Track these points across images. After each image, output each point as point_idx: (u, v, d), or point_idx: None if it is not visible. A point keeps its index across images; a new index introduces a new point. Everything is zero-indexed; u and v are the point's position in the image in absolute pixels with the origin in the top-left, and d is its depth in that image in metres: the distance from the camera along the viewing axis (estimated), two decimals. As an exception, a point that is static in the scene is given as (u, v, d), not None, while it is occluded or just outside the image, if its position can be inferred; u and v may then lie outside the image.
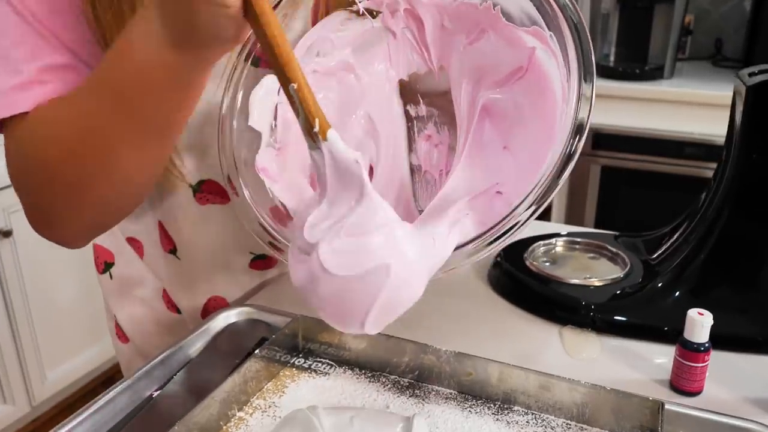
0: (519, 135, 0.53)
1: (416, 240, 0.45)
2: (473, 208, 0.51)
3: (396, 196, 0.62)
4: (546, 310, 0.77)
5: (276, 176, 0.59)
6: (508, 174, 0.51)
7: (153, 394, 0.62)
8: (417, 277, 0.45)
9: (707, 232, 0.73)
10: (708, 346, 0.61)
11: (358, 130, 0.63)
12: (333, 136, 0.44)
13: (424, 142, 0.63)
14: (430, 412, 0.60)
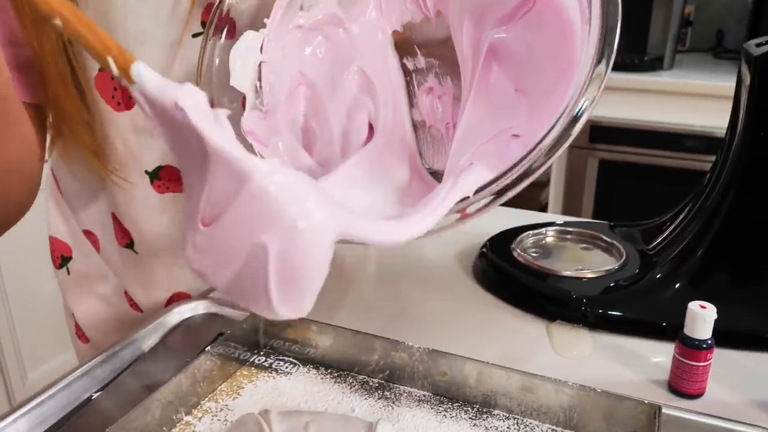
0: (531, 74, 0.46)
1: (309, 190, 0.33)
2: (485, 154, 0.44)
3: (399, 156, 0.55)
4: (533, 305, 0.70)
5: (264, 140, 0.53)
6: (522, 117, 0.44)
7: (93, 395, 0.56)
8: (316, 235, 0.33)
9: (710, 218, 0.66)
10: (711, 343, 0.55)
11: (352, 86, 0.56)
12: (140, 72, 0.32)
13: (426, 95, 0.56)
14: (400, 416, 0.54)
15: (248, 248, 0.32)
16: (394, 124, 0.53)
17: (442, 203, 0.40)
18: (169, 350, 0.62)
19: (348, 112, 0.53)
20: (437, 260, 0.83)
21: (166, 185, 0.69)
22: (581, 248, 0.80)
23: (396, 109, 0.55)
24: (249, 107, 0.54)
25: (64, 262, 0.81)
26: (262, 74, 0.56)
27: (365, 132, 0.52)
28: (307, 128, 0.55)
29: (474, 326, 0.68)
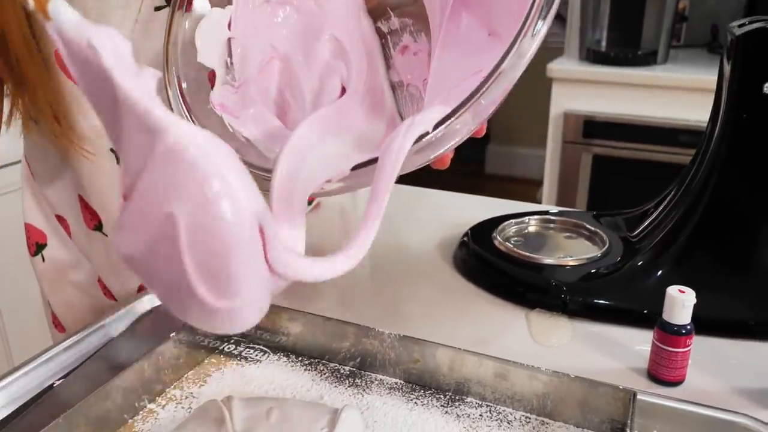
0: (500, 15, 0.44)
1: (238, 166, 0.30)
2: (453, 96, 0.42)
3: (374, 115, 0.53)
4: (513, 293, 0.69)
5: (235, 113, 0.52)
6: (495, 58, 0.42)
7: (55, 382, 0.54)
8: (238, 215, 0.29)
9: (693, 204, 0.65)
10: (690, 328, 0.53)
11: (325, 53, 0.55)
12: (58, 8, 0.29)
13: (401, 54, 0.55)
14: (370, 404, 0.52)
15: (159, 221, 0.28)
16: (368, 86, 0.52)
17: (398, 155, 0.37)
18: (137, 337, 0.61)
19: (320, 78, 0.51)
20: (417, 249, 0.82)
21: None
22: (564, 237, 0.78)
23: (372, 73, 0.53)
24: (219, 83, 0.53)
25: (39, 249, 0.79)
26: (232, 50, 0.54)
27: (337, 95, 0.51)
28: (281, 99, 0.54)
29: (452, 315, 0.67)
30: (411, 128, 0.37)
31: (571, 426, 0.50)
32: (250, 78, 0.53)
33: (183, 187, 0.27)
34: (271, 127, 0.50)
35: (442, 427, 0.50)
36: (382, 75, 0.54)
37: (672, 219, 0.66)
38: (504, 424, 0.50)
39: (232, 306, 0.30)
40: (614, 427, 0.49)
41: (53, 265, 0.79)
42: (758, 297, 0.62)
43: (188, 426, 0.46)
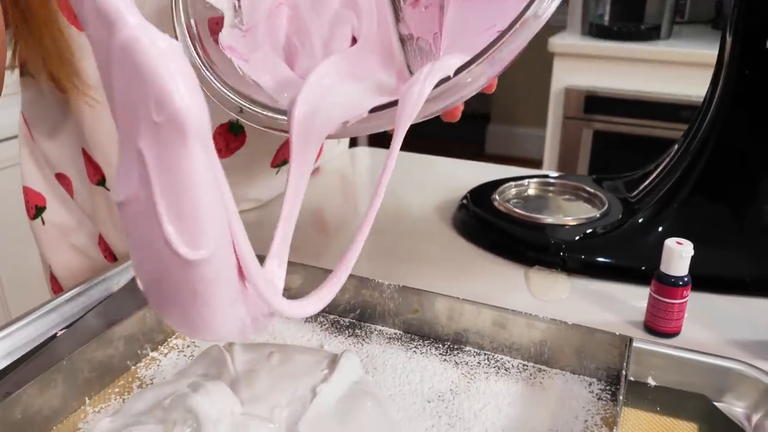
0: None
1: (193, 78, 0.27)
2: (469, 47, 0.42)
3: (384, 65, 0.53)
4: (513, 252, 0.69)
5: (245, 56, 0.52)
6: (510, 15, 0.42)
7: (58, 332, 0.55)
8: (195, 134, 0.27)
9: (693, 161, 0.65)
10: (687, 280, 0.53)
11: (334, 2, 0.55)
12: None
13: (412, 8, 0.55)
14: (370, 353, 0.53)
15: (135, 156, 0.27)
16: (379, 37, 0.52)
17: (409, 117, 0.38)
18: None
19: (330, 26, 0.51)
20: (417, 212, 0.82)
21: None
22: (564, 199, 0.79)
23: (381, 23, 0.53)
24: (228, 25, 0.53)
25: (38, 212, 0.80)
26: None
27: (347, 43, 0.51)
28: (289, 46, 0.54)
29: (452, 273, 0.67)
30: (432, 73, 0.37)
31: (568, 373, 0.50)
32: (259, 22, 0.53)
33: (143, 87, 0.26)
34: (280, 72, 0.50)
35: (441, 374, 0.50)
36: (392, 28, 0.54)
37: (673, 177, 0.66)
38: (502, 371, 0.51)
39: (201, 258, 0.29)
40: (610, 374, 0.49)
41: (53, 228, 0.80)
42: (755, 253, 0.63)
43: (191, 369, 0.47)
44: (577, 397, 0.48)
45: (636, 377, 0.49)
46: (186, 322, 0.33)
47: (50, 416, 0.45)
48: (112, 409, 0.47)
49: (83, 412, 0.46)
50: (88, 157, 0.70)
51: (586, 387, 0.49)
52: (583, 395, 0.48)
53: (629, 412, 0.46)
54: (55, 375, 0.45)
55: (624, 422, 0.45)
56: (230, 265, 0.32)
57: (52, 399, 0.45)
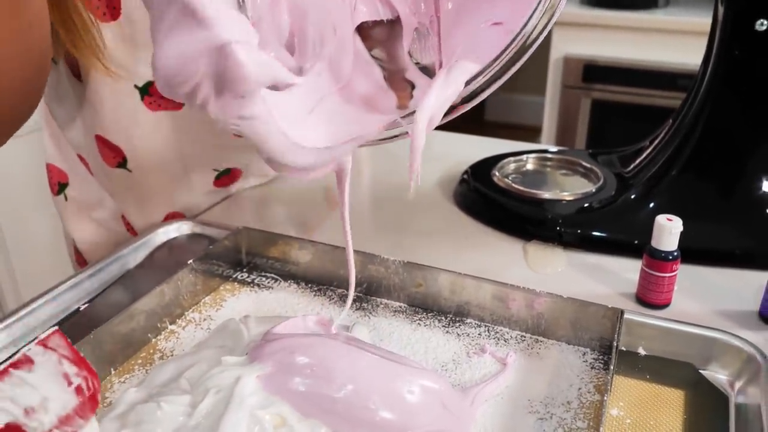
0: None
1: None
2: (469, 48, 0.44)
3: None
4: (511, 226, 0.72)
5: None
6: (504, 4, 0.44)
7: (81, 306, 0.58)
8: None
9: (684, 139, 0.67)
10: (677, 254, 0.56)
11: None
12: None
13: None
14: (376, 325, 0.56)
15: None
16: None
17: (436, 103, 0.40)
18: (154, 267, 0.64)
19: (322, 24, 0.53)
20: (419, 187, 0.85)
21: (158, 102, 0.69)
22: (561, 174, 0.81)
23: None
24: None
25: (61, 188, 0.82)
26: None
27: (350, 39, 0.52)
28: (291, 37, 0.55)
29: (453, 247, 0.70)
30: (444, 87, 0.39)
31: (563, 343, 0.54)
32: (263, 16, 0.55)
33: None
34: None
35: (444, 344, 0.53)
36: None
37: (664, 154, 0.68)
38: (501, 341, 0.54)
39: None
40: (603, 344, 0.53)
41: (75, 204, 0.82)
42: (742, 227, 0.66)
43: (209, 341, 0.50)
44: (572, 366, 0.51)
45: (627, 347, 0.53)
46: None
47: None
48: (136, 379, 0.50)
49: (109, 383, 0.50)
50: (104, 142, 0.72)
51: (580, 356, 0.52)
52: (577, 364, 0.51)
53: (620, 380, 0.50)
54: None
55: (615, 389, 0.49)
56: None
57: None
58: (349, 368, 0.43)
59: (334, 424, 0.41)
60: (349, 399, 0.41)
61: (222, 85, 0.35)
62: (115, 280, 0.62)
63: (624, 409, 0.47)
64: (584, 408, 0.47)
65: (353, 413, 0.41)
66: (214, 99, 0.35)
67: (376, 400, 0.41)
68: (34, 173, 1.70)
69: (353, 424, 0.41)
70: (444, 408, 0.43)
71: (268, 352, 0.45)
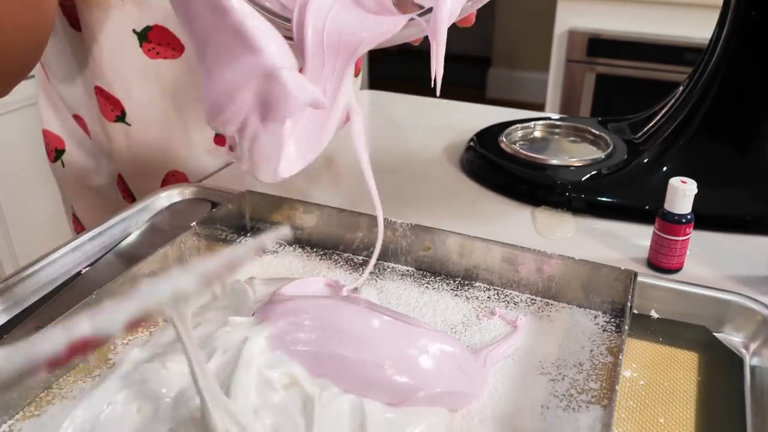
0: None
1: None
2: None
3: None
4: (519, 192, 0.71)
5: None
6: None
7: (82, 270, 0.57)
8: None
9: (698, 102, 0.66)
10: (690, 217, 0.55)
11: None
12: None
13: None
14: (383, 288, 0.55)
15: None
16: None
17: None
18: (156, 231, 0.63)
19: None
20: (425, 154, 0.83)
21: (156, 50, 0.67)
22: (569, 141, 0.80)
23: None
24: None
25: (58, 155, 0.81)
26: None
27: None
28: None
29: (460, 213, 0.69)
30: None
31: (574, 306, 0.53)
32: None
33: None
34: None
35: (453, 307, 0.52)
36: None
37: (677, 118, 0.67)
38: (511, 305, 0.53)
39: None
40: (615, 307, 0.52)
41: (73, 171, 0.81)
42: (755, 193, 0.64)
43: (214, 302, 0.49)
44: (583, 329, 0.50)
45: (639, 310, 0.52)
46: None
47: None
48: (140, 341, 0.49)
49: (112, 344, 0.49)
50: (104, 94, 0.71)
51: (591, 319, 0.51)
52: (588, 327, 0.50)
53: (633, 342, 0.49)
54: (84, 307, 0.47)
55: (628, 351, 0.48)
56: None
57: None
58: (362, 329, 0.42)
59: (346, 384, 0.40)
60: (363, 359, 0.40)
61: (267, 112, 0.36)
62: (117, 243, 0.61)
63: (637, 371, 0.46)
64: (597, 369, 0.46)
65: (366, 374, 0.40)
66: (262, 131, 0.36)
67: (390, 361, 0.40)
68: (30, 146, 1.68)
69: (366, 384, 0.40)
70: (459, 370, 0.42)
71: (277, 312, 0.44)
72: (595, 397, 0.43)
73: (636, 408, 0.43)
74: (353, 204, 0.59)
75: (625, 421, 0.42)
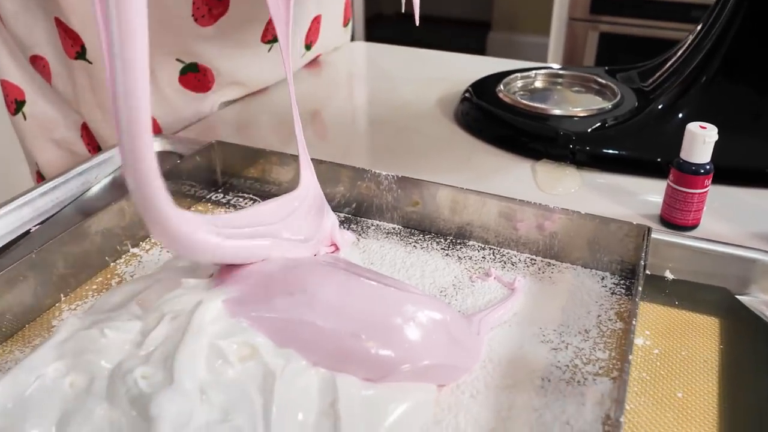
0: None
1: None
2: None
3: None
4: (518, 144, 0.65)
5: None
6: None
7: (32, 228, 0.51)
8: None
9: (717, 42, 0.59)
10: (709, 168, 0.49)
11: None
12: None
13: None
14: (366, 247, 0.49)
15: None
16: None
17: None
18: (119, 186, 0.57)
19: None
20: (417, 105, 0.77)
21: None
22: (573, 91, 0.74)
23: None
24: None
25: (18, 106, 0.75)
26: None
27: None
28: None
29: (454, 167, 0.63)
30: None
31: (579, 267, 0.47)
32: None
33: None
34: None
35: (443, 268, 0.47)
36: None
37: (693, 60, 0.61)
38: (508, 265, 0.47)
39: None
40: (624, 267, 0.46)
41: (35, 123, 0.76)
42: (780, 143, 0.58)
43: (172, 261, 0.43)
44: (589, 291, 0.44)
45: (652, 271, 0.46)
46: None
47: (22, 313, 0.42)
48: (89, 306, 0.43)
49: (58, 310, 0.43)
50: (64, 27, 0.65)
51: (598, 281, 0.46)
52: (595, 289, 0.45)
53: (645, 306, 0.43)
54: (26, 270, 0.42)
55: (640, 317, 0.42)
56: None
57: (23, 295, 0.42)
58: (337, 293, 0.36)
59: (316, 356, 0.34)
60: (337, 328, 0.34)
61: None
62: (74, 199, 0.55)
63: (651, 338, 0.40)
64: (605, 337, 0.40)
65: (341, 345, 0.34)
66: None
67: (369, 329, 0.34)
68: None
69: (340, 357, 0.34)
70: (450, 339, 0.36)
71: (238, 274, 0.38)
72: (603, 369, 0.38)
73: (650, 380, 0.37)
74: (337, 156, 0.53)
75: (637, 396, 0.36)
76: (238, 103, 0.78)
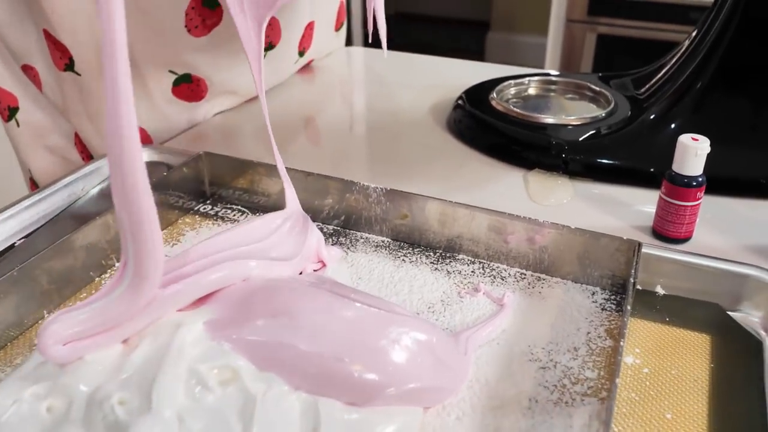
0: None
1: None
2: None
3: None
4: (510, 153, 0.64)
5: None
6: None
7: (16, 242, 0.51)
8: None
9: (712, 49, 0.59)
10: (702, 180, 0.49)
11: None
12: None
13: None
14: (355, 262, 0.49)
15: None
16: None
17: None
18: (107, 197, 0.57)
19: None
20: (410, 113, 0.76)
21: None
22: (567, 98, 0.73)
23: None
24: None
25: (12, 113, 0.75)
26: None
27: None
28: None
29: (445, 176, 0.63)
30: None
31: (569, 281, 0.46)
32: None
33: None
34: None
35: (432, 283, 0.46)
36: None
37: (687, 68, 0.60)
38: (498, 280, 0.47)
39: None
40: (615, 282, 0.45)
41: (28, 130, 0.75)
42: (774, 153, 0.58)
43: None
44: (579, 307, 0.44)
45: (643, 286, 0.46)
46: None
47: (4, 331, 0.41)
48: (72, 323, 0.43)
49: (41, 327, 0.43)
50: (52, 39, 0.64)
51: (588, 296, 0.45)
52: (585, 305, 0.44)
53: (636, 322, 0.43)
54: (8, 286, 0.41)
55: (630, 334, 0.42)
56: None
57: (5, 312, 0.41)
58: (320, 315, 0.35)
59: (298, 380, 0.33)
60: (319, 351, 0.34)
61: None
62: (60, 211, 0.54)
63: (641, 356, 0.40)
64: (594, 355, 0.40)
65: (324, 369, 0.33)
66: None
67: (352, 352, 0.34)
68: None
69: (322, 381, 0.33)
70: (436, 360, 0.36)
71: (219, 295, 0.38)
72: (591, 389, 0.37)
73: (639, 401, 0.37)
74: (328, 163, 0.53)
75: (626, 417, 0.36)
76: (228, 112, 0.77)
